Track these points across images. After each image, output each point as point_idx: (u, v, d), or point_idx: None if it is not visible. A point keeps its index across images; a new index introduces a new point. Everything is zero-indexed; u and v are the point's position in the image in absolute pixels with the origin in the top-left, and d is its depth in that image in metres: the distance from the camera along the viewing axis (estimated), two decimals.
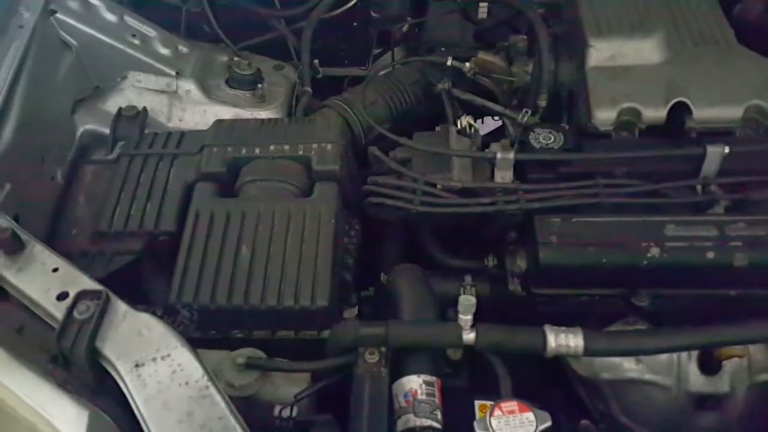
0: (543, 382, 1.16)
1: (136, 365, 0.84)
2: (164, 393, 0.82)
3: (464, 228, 1.24)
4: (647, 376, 1.14)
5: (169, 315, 1.05)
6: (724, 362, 1.12)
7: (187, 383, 0.83)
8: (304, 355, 1.03)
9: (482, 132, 1.47)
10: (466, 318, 0.91)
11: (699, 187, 1.19)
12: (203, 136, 1.30)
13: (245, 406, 0.95)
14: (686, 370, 1.13)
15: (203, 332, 1.07)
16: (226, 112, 1.42)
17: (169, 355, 0.84)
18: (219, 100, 1.45)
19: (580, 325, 1.13)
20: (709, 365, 1.13)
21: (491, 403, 0.99)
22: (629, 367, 1.13)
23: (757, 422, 1.15)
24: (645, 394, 1.15)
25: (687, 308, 1.12)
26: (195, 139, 1.30)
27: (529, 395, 0.93)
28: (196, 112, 1.43)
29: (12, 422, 0.78)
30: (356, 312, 1.09)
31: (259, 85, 1.47)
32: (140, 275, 1.17)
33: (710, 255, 1.08)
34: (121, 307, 0.90)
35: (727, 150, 1.15)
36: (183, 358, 0.84)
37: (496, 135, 1.53)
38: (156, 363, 0.84)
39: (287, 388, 0.97)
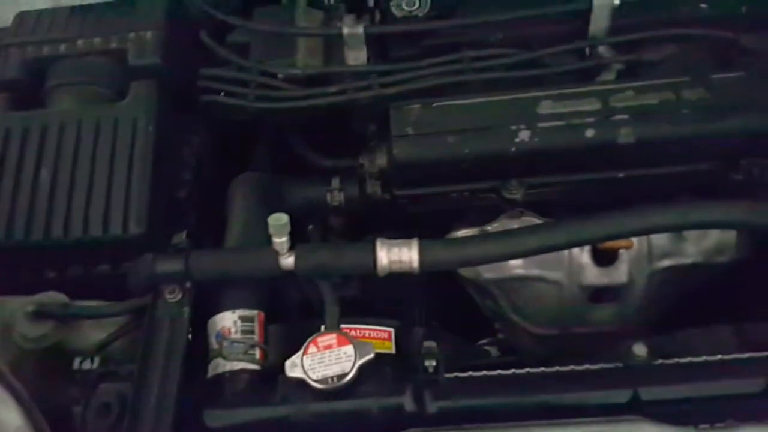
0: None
1: None
2: None
3: (337, 124, 1.05)
4: (535, 272, 1.01)
5: None
6: (620, 251, 0.99)
7: None
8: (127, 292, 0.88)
9: None
10: (280, 241, 0.76)
11: (587, 53, 1.00)
12: (4, 35, 1.07)
13: (50, 359, 0.82)
14: (579, 263, 1.00)
15: (10, 275, 0.91)
16: (42, 2, 1.17)
17: None
18: None
19: (461, 225, 1.00)
20: (604, 256, 1.00)
21: (356, 327, 0.86)
22: (514, 263, 1.00)
23: (657, 310, 1.05)
24: (535, 291, 1.03)
25: (570, 196, 0.97)
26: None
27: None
28: (7, 3, 1.18)
29: None
30: (184, 236, 0.93)
31: None
32: None
33: (590, 133, 0.91)
34: None
35: (617, 1, 0.95)
36: None
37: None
38: None
39: (96, 335, 0.83)
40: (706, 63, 0.99)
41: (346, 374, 0.69)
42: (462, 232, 1.00)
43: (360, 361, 0.70)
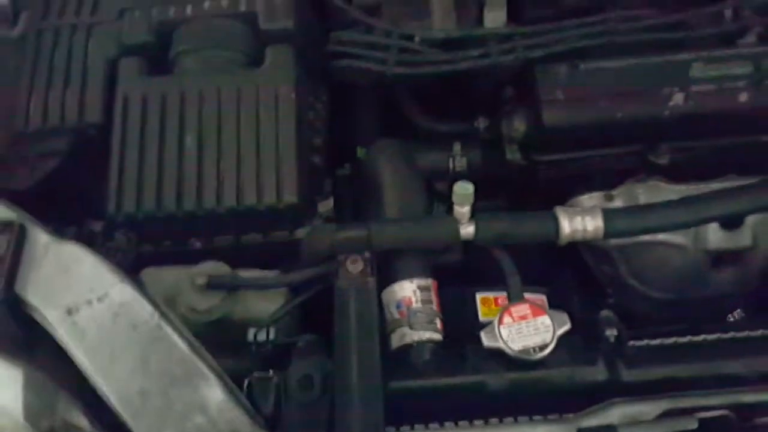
0: (543, 256, 1.02)
1: (69, 311, 0.68)
2: (109, 341, 0.67)
3: (450, 86, 1.03)
4: (661, 237, 1.00)
5: (111, 232, 0.87)
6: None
7: (134, 326, 0.68)
8: (278, 260, 0.87)
9: None
10: (463, 210, 0.74)
11: (728, 14, 0.97)
12: None
13: (215, 330, 0.81)
14: (705, 226, 0.99)
15: (156, 244, 0.90)
16: None
17: (106, 295, 0.68)
18: None
19: (586, 188, 0.98)
20: (731, 219, 0.99)
21: (494, 295, 0.86)
22: None
23: None
24: (658, 256, 1.02)
25: (707, 160, 0.96)
26: (113, 2, 1.03)
27: (531, 279, 0.80)
28: None
29: None
30: (332, 204, 0.92)
31: None
32: (73, 182, 0.97)
33: (743, 97, 0.89)
34: (40, 237, 0.72)
35: None
36: (125, 296, 0.68)
37: None
38: (92, 306, 0.67)
39: (262, 305, 0.82)
40: None
41: (547, 345, 0.69)
42: (587, 197, 0.98)
43: (559, 331, 0.69)
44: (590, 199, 0.97)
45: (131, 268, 0.79)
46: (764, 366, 0.71)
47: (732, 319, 1.06)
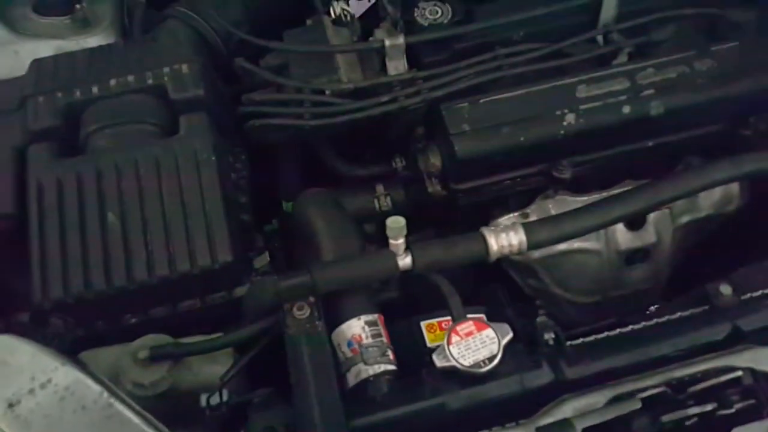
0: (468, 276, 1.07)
1: (10, 405, 0.64)
2: (58, 427, 0.64)
3: (363, 132, 1.07)
4: (576, 245, 1.07)
5: (39, 321, 0.83)
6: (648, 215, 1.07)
7: (83, 408, 0.65)
8: (219, 324, 0.86)
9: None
10: (398, 243, 0.77)
11: (599, 39, 1.08)
12: (22, 85, 1.01)
13: (165, 403, 0.78)
14: (613, 230, 1.07)
15: (87, 328, 0.87)
16: (45, 48, 1.11)
17: (49, 381, 0.65)
18: (31, 33, 1.13)
19: (503, 210, 1.05)
20: (634, 220, 1.08)
21: (438, 320, 0.89)
22: None
23: (682, 260, 1.14)
24: (576, 263, 1.09)
25: (604, 169, 1.05)
26: (11, 91, 1.01)
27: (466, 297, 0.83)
28: (6, 55, 1.11)
29: None
30: (267, 258, 0.92)
31: (77, 5, 1.16)
32: None
33: (626, 110, 0.99)
34: None
35: None
36: (69, 378, 0.65)
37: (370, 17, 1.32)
38: (35, 395, 0.64)
39: (210, 369, 0.81)
40: (698, 38, 1.09)
41: (495, 356, 0.72)
42: (505, 218, 1.05)
43: (504, 341, 0.73)
44: (508, 219, 1.03)
45: (69, 352, 0.76)
46: (686, 343, 0.77)
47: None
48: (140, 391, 0.78)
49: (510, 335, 0.74)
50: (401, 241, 0.78)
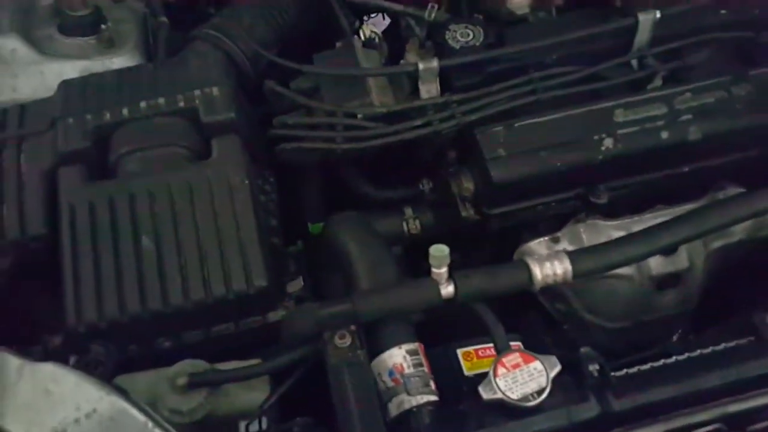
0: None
1: None
2: None
3: (390, 156, 1.09)
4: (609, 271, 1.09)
5: (71, 345, 0.84)
6: None
7: None
8: (252, 348, 0.87)
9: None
10: (440, 271, 0.79)
11: (634, 63, 1.10)
12: (50, 106, 1.03)
13: (201, 430, 0.79)
14: None
15: (122, 350, 0.88)
16: (71, 69, 1.13)
17: (94, 411, 0.66)
18: (56, 54, 1.15)
19: (533, 234, 1.06)
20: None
21: (474, 348, 0.90)
22: None
23: (715, 284, 1.15)
24: (608, 289, 1.10)
25: (639, 194, 1.06)
26: (41, 112, 1.03)
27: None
28: (31, 75, 1.13)
29: None
30: (301, 283, 0.94)
31: (102, 26, 1.18)
32: (20, 300, 0.94)
33: (665, 135, 1.01)
34: (11, 361, 0.69)
35: (658, 15, 1.06)
36: (114, 408, 0.67)
37: (391, 36, 1.34)
38: (80, 424, 0.65)
39: (247, 397, 0.82)
40: (733, 62, 1.11)
41: (543, 389, 0.73)
42: (536, 243, 1.06)
43: (552, 374, 0.74)
44: (539, 244, 1.04)
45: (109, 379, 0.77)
46: (735, 375, 0.78)
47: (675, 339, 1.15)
48: (178, 418, 0.79)
49: (558, 368, 0.75)
50: (444, 270, 0.79)
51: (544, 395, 0.73)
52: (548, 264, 0.81)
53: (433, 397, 0.78)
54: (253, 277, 0.88)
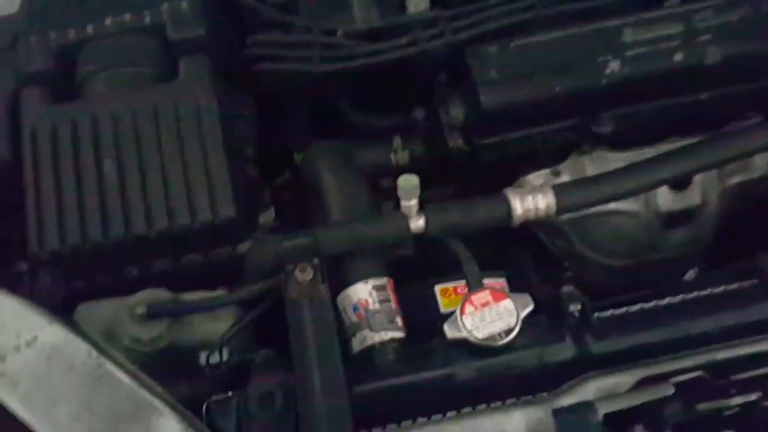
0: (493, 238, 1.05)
1: None
2: (46, 386, 0.66)
3: (381, 79, 1.05)
4: (612, 205, 1.04)
5: (36, 272, 0.85)
6: None
7: (71, 368, 0.67)
8: (222, 279, 0.87)
9: None
10: (410, 204, 0.76)
11: None
12: (13, 23, 1.02)
13: (164, 359, 0.80)
14: (654, 191, 1.04)
15: (88, 279, 0.89)
16: None
17: (35, 339, 0.66)
18: None
19: (532, 166, 1.02)
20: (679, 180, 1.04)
21: (453, 285, 0.88)
22: None
23: (729, 225, 1.10)
24: (612, 226, 1.06)
25: (649, 124, 1.01)
26: (2, 29, 1.01)
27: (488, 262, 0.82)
28: None
29: None
30: (273, 214, 0.92)
31: None
32: None
33: (678, 57, 0.94)
34: None
35: None
36: (56, 337, 0.67)
37: None
38: (21, 352, 0.66)
39: (211, 327, 0.82)
40: None
41: (512, 329, 0.71)
42: (534, 175, 1.02)
43: (522, 314, 0.72)
44: (537, 177, 1.00)
45: (62, 308, 0.78)
46: (730, 321, 0.75)
47: (689, 278, 1.11)
48: (138, 347, 0.80)
49: (530, 307, 0.73)
50: (414, 202, 0.76)
51: (512, 335, 0.71)
52: (530, 197, 0.78)
53: (399, 334, 0.77)
54: (219, 206, 0.87)
